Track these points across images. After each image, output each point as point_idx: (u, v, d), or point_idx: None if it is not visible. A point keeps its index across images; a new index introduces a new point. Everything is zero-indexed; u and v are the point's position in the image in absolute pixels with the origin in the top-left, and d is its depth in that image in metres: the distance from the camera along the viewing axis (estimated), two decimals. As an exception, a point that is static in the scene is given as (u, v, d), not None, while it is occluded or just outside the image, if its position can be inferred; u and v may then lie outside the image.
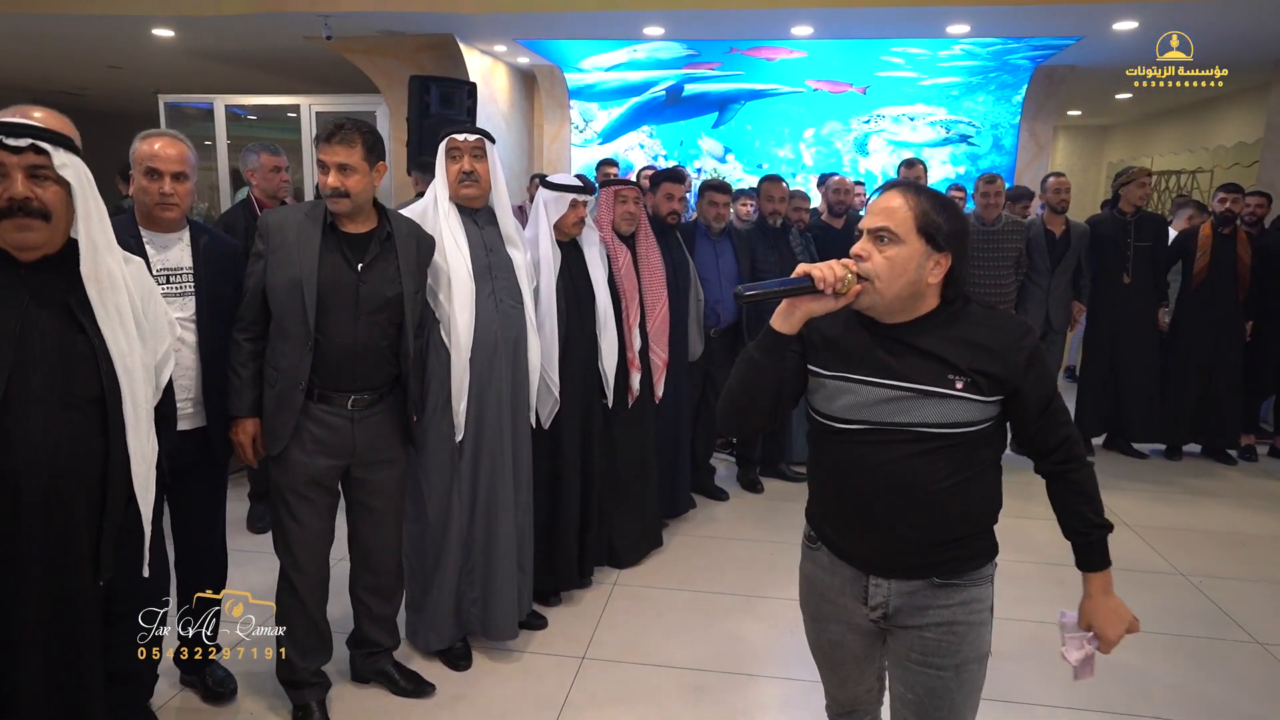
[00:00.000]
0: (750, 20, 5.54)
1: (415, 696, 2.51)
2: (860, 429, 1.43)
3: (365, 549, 2.44)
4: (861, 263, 1.39)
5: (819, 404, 1.48)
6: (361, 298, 2.24)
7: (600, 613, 3.07)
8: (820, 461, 1.53)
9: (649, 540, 3.52)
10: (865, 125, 7.54)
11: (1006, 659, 2.76)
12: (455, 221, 2.52)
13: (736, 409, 1.50)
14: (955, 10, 5.19)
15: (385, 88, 6.57)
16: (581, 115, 7.90)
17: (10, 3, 5.69)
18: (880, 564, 1.48)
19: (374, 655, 2.53)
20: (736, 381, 1.48)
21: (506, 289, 2.59)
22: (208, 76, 7.94)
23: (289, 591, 2.32)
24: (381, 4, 5.39)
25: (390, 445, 2.37)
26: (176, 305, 2.20)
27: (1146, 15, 5.16)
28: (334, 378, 2.23)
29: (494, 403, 2.58)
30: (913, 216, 1.38)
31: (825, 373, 1.47)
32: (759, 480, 4.41)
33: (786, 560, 3.53)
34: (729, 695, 2.58)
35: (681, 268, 3.70)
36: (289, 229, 2.23)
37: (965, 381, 1.39)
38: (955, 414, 1.39)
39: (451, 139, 2.56)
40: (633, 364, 3.20)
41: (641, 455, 3.38)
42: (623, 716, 2.46)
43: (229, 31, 6.13)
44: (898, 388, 1.41)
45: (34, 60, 7.72)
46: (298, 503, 2.27)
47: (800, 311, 1.40)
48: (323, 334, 2.20)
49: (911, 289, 1.39)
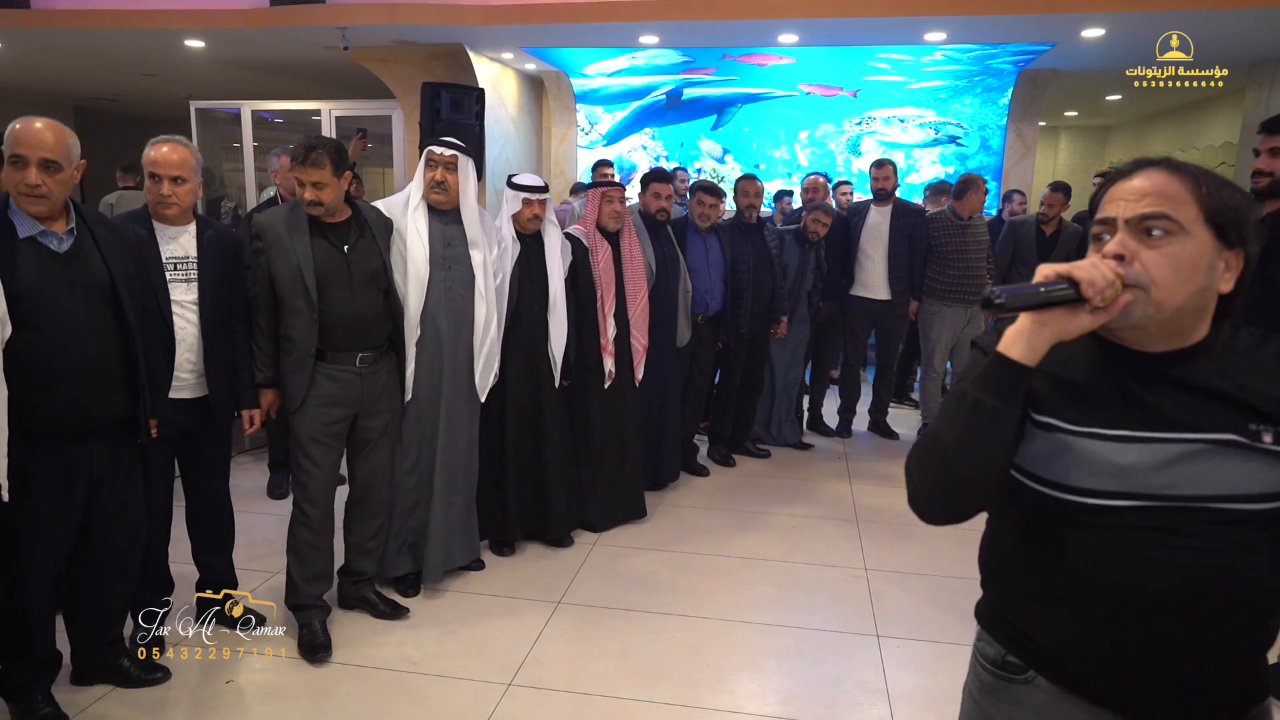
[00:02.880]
0: (739, 29, 5.88)
1: (392, 619, 2.96)
2: (1128, 507, 1.02)
3: (360, 489, 2.89)
4: (1125, 265, 1.01)
5: (1046, 470, 1.07)
6: (354, 274, 2.70)
7: (578, 567, 3.45)
8: (1045, 554, 1.08)
9: (625, 511, 3.86)
10: (857, 127, 7.84)
11: None
12: (422, 218, 2.95)
13: (954, 481, 1.05)
14: (931, 20, 5.50)
15: (400, 94, 6.98)
16: (587, 118, 8.28)
17: (56, 18, 6.17)
18: (1153, 702, 1.06)
19: (359, 583, 2.98)
20: (953, 445, 1.04)
21: (460, 279, 3.02)
22: (235, 83, 8.40)
23: (305, 526, 2.75)
24: (395, 17, 5.79)
25: (389, 395, 2.86)
26: (181, 289, 2.55)
27: (1113, 23, 5.44)
28: (342, 341, 2.69)
29: (433, 371, 3.02)
30: (1195, 199, 1.01)
31: (1066, 426, 1.05)
32: (731, 456, 4.78)
33: (751, 526, 3.91)
34: (683, 633, 2.94)
35: (672, 261, 4.07)
36: (279, 226, 2.66)
37: (1275, 432, 1.00)
38: (1267, 480, 1.00)
39: (430, 151, 2.99)
40: (605, 349, 3.58)
41: (619, 433, 3.74)
42: (588, 647, 2.83)
43: (255, 42, 6.57)
44: (1184, 441, 1.01)
45: (77, 70, 8.24)
46: (314, 449, 2.71)
47: (1050, 330, 1.01)
48: (328, 307, 2.65)
49: (1198, 300, 1.03)
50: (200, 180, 2.62)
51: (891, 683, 2.65)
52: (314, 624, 2.75)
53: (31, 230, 2.10)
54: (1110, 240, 1.04)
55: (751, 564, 3.52)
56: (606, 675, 2.66)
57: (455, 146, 3.01)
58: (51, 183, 2.09)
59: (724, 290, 4.35)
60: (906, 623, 3.03)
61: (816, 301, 4.95)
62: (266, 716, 2.43)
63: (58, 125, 2.15)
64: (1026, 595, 1.13)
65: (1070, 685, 1.10)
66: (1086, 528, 1.04)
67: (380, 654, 2.75)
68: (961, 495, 1.06)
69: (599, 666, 2.71)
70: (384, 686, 2.57)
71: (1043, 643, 1.12)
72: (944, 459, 1.05)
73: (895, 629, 2.99)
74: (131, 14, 6.07)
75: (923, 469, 1.09)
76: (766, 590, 3.28)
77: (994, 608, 1.21)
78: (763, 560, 3.55)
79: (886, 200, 5.00)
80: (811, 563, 3.53)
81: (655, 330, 3.90)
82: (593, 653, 2.80)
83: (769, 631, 2.97)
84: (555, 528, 3.58)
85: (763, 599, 3.20)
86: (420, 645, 2.81)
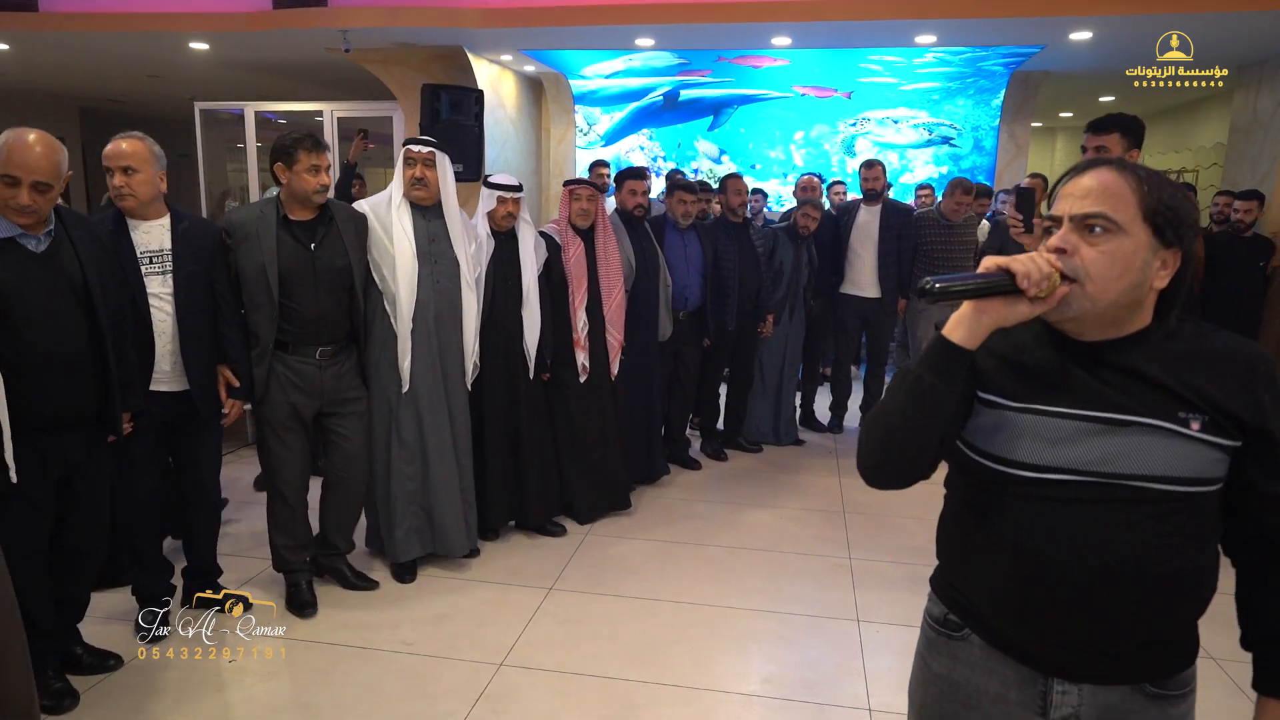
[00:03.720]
0: (732, 32, 5.98)
1: (361, 589, 3.15)
2: (1060, 480, 1.10)
3: (335, 471, 3.04)
4: (1065, 258, 1.08)
5: (988, 444, 1.15)
6: (318, 271, 2.83)
7: (571, 555, 3.55)
8: (983, 522, 1.17)
9: (608, 502, 3.96)
10: (852, 128, 7.95)
11: None
12: (405, 214, 3.08)
13: (894, 451, 1.14)
14: (921, 23, 5.60)
15: (401, 95, 7.08)
16: (586, 119, 8.38)
17: (63, 21, 6.28)
18: (1075, 664, 1.14)
19: (332, 555, 3.16)
20: (896, 416, 1.12)
21: (446, 272, 3.15)
22: (239, 85, 8.51)
23: (280, 502, 2.95)
24: (395, 20, 5.89)
25: (353, 387, 3.00)
26: (157, 282, 2.62)
27: (1100, 26, 5.53)
28: (303, 334, 2.85)
29: (428, 362, 3.15)
30: (1136, 199, 1.07)
31: (1008, 403, 1.13)
32: (723, 450, 4.88)
33: (740, 518, 4.01)
34: (669, 617, 3.05)
35: (650, 257, 4.17)
36: (249, 224, 2.79)
37: (1203, 421, 1.07)
38: (1190, 465, 1.07)
39: (408, 149, 3.11)
40: (578, 344, 3.71)
41: (598, 426, 3.85)
42: (577, 630, 2.94)
43: (257, 44, 6.68)
44: (1114, 422, 1.08)
45: (83, 71, 8.35)
46: (282, 432, 2.90)
47: (989, 318, 1.08)
48: (292, 302, 2.80)
49: (1132, 294, 1.09)
50: (160, 172, 2.65)
51: (869, 664, 2.75)
52: (300, 584, 2.99)
53: (10, 232, 2.18)
54: (1055, 235, 1.11)
55: (738, 553, 3.62)
56: (594, 656, 2.76)
57: (430, 143, 3.15)
58: (42, 201, 2.17)
59: (702, 285, 4.44)
60: (886, 608, 3.14)
61: (808, 299, 5.05)
62: (268, 693, 2.54)
63: (49, 143, 2.19)
64: (966, 559, 1.23)
65: (1001, 644, 1.19)
66: (1022, 498, 1.12)
67: (378, 636, 2.86)
68: (902, 463, 1.15)
69: (587, 648, 2.82)
70: (381, 666, 2.68)
71: (978, 604, 1.21)
72: (888, 430, 1.14)
73: (875, 614, 3.09)
74: (136, 16, 6.18)
75: (869, 437, 1.18)
76: (752, 578, 3.38)
77: (942, 572, 1.31)
78: (749, 549, 3.65)
79: (876, 200, 5.10)
80: (797, 552, 3.64)
81: (636, 326, 4.03)
82: (582, 635, 2.90)
83: (752, 616, 3.07)
84: (535, 515, 3.71)
85: (747, 586, 3.31)
86: (416, 628, 2.92)
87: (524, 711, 2.47)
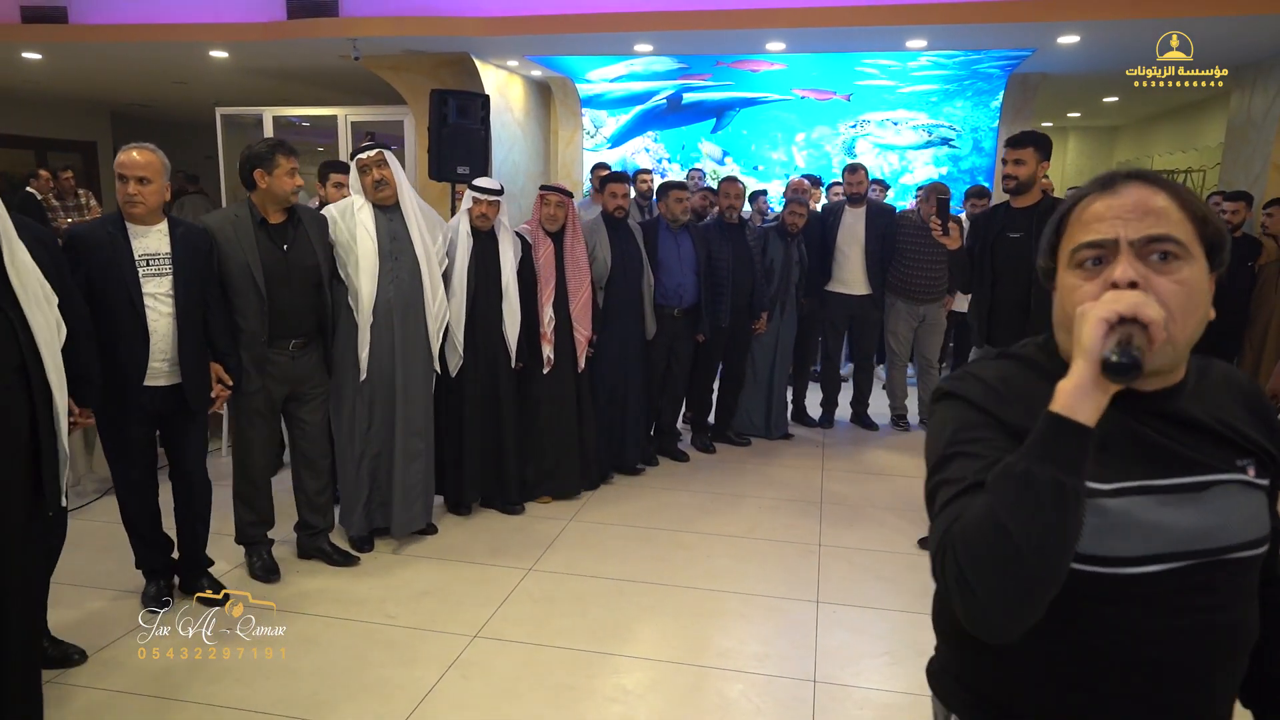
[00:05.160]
0: (727, 37, 6.15)
1: (344, 566, 3.39)
2: (1158, 572, 0.90)
3: (303, 454, 3.31)
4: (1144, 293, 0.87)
5: None
6: (291, 269, 3.07)
7: (553, 539, 3.75)
8: (1044, 628, 0.85)
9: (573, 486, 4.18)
10: (852, 130, 8.07)
11: None
12: (368, 216, 3.33)
13: (1037, 580, 0.81)
14: (911, 28, 5.72)
15: (411, 99, 7.33)
16: (592, 122, 8.59)
17: (92, 32, 6.61)
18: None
19: (313, 535, 3.40)
20: (1036, 536, 0.80)
21: (406, 268, 3.40)
22: (258, 90, 8.83)
23: (247, 481, 3.22)
24: (401, 30, 6.14)
25: (318, 376, 3.27)
26: (154, 283, 2.77)
27: (1088, 31, 5.63)
28: (279, 328, 3.10)
29: (387, 352, 3.40)
30: (1188, 216, 0.92)
31: (1098, 486, 0.89)
32: (712, 444, 5.06)
33: (719, 507, 4.19)
34: (638, 597, 3.24)
35: (633, 257, 4.35)
36: (226, 228, 3.03)
37: (1254, 464, 0.94)
38: (1262, 518, 0.93)
39: (359, 159, 3.37)
40: (544, 337, 3.94)
41: (564, 415, 4.08)
42: (551, 608, 3.14)
43: (274, 52, 6.96)
44: (1197, 486, 0.92)
45: (112, 78, 8.71)
46: (255, 417, 3.16)
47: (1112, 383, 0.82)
48: (269, 299, 3.04)
49: (1200, 330, 0.92)
50: (167, 183, 2.83)
51: (821, 640, 2.93)
52: (262, 553, 3.29)
53: None
54: (1111, 266, 0.90)
55: (712, 539, 3.80)
56: (563, 630, 2.96)
57: (376, 146, 3.40)
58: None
59: (696, 283, 4.61)
60: (846, 591, 3.30)
61: (799, 297, 5.22)
62: (257, 659, 2.75)
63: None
64: (1000, 661, 0.96)
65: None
66: (1105, 600, 0.90)
67: (364, 610, 3.08)
68: (1041, 597, 0.82)
69: (558, 623, 3.01)
70: (364, 636, 2.90)
71: (1017, 711, 0.98)
72: (1018, 557, 0.80)
73: (834, 596, 3.26)
74: (160, 27, 6.50)
75: (986, 574, 0.82)
76: (722, 561, 3.56)
77: (949, 667, 1.06)
78: (723, 536, 3.83)
79: (860, 203, 5.28)
80: (769, 539, 3.81)
81: (613, 323, 4.24)
82: (554, 612, 3.10)
83: (716, 596, 3.25)
84: (509, 494, 3.99)
85: (717, 569, 3.49)
86: (400, 603, 3.13)
87: (492, 678, 2.67)
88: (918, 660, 2.82)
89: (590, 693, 2.60)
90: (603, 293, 4.24)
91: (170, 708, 2.47)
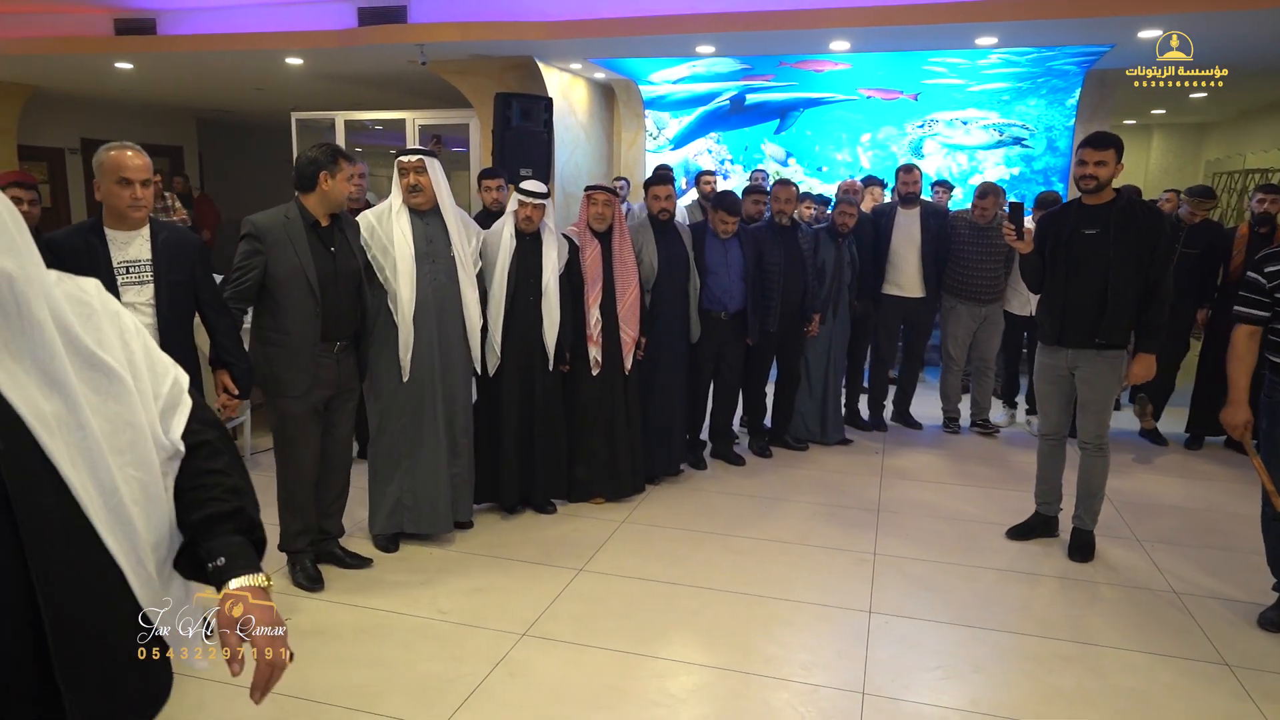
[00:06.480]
0: (791, 38, 6.08)
1: (357, 569, 3.40)
2: None
3: (330, 457, 3.31)
4: None
5: None
6: (338, 272, 3.11)
7: (604, 540, 3.77)
8: None
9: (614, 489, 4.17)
10: (919, 130, 7.89)
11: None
12: (404, 219, 3.38)
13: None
14: (981, 26, 5.57)
15: (476, 103, 7.47)
16: (655, 123, 8.60)
17: (178, 43, 6.94)
18: None
19: (324, 540, 3.41)
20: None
21: (444, 269, 3.44)
22: (331, 95, 9.12)
23: (302, 488, 3.20)
24: (467, 35, 6.25)
25: (353, 381, 3.29)
26: (134, 291, 2.63)
27: (1170, 24, 5.39)
28: (328, 331, 3.12)
29: (428, 353, 3.44)
30: None
31: None
32: (768, 447, 5.01)
33: (774, 512, 4.14)
34: (686, 601, 3.23)
35: (679, 260, 4.33)
36: (277, 229, 3.03)
37: None
38: None
39: (400, 162, 3.40)
40: (590, 339, 3.95)
41: (609, 418, 4.09)
42: (599, 608, 3.16)
43: (346, 58, 7.18)
44: None
45: (196, 85, 9.12)
46: (306, 425, 3.15)
47: None
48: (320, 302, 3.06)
49: None
50: None
51: (872, 652, 2.87)
52: (305, 563, 3.26)
53: None
54: None
55: (765, 545, 3.76)
56: (609, 631, 2.97)
57: (419, 151, 3.44)
58: None
59: (744, 288, 4.57)
60: (899, 602, 3.23)
61: (852, 299, 5.14)
62: (313, 648, 2.85)
63: None
64: None
65: None
66: None
67: (417, 605, 3.15)
68: None
69: (604, 624, 3.03)
70: (415, 630, 2.96)
71: None
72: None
73: (886, 606, 3.19)
74: (240, 37, 6.78)
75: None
76: (774, 568, 3.53)
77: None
78: (776, 542, 3.79)
79: (913, 203, 5.20)
80: (823, 546, 3.75)
81: (657, 325, 4.23)
82: (602, 613, 3.12)
83: (765, 603, 3.22)
84: (547, 495, 4.03)
85: (768, 575, 3.45)
86: (452, 598, 3.19)
87: (538, 677, 2.70)
88: (972, 676, 2.77)
89: (634, 695, 2.61)
90: (648, 295, 4.24)
91: (225, 691, 2.57)
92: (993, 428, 5.48)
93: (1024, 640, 2.98)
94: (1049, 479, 3.80)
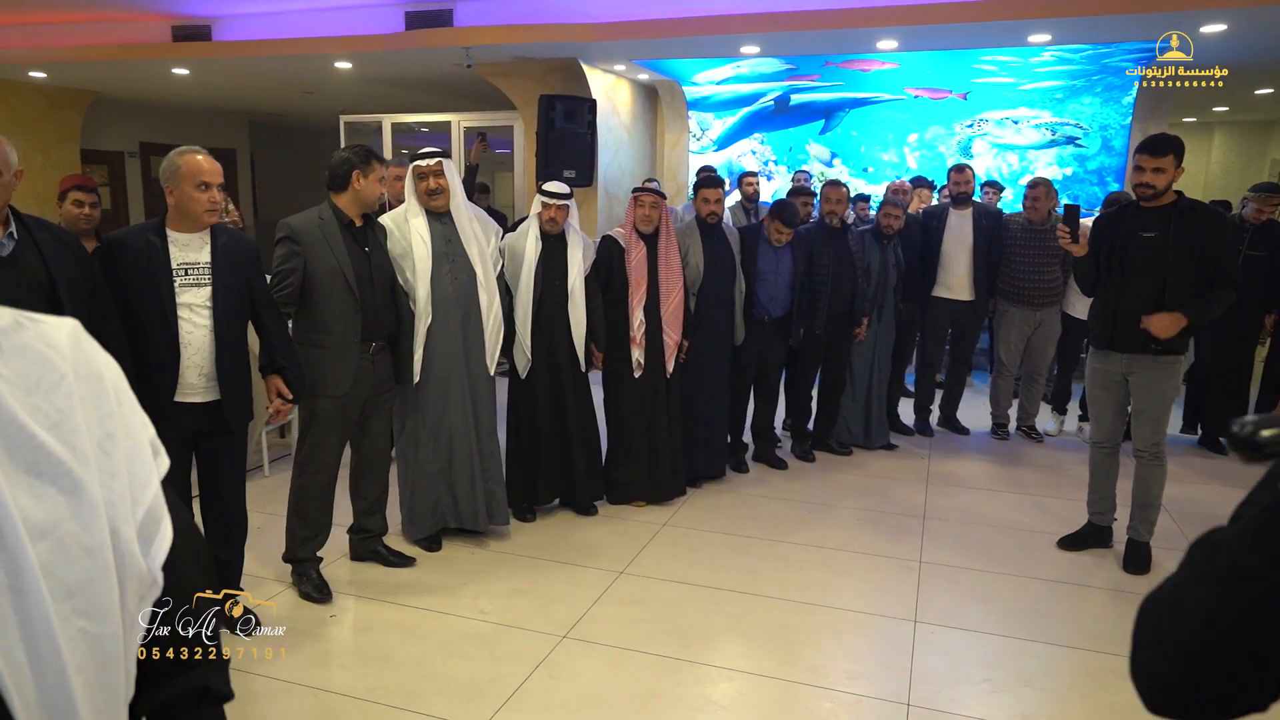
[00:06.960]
0: (836, 37, 6.01)
1: (400, 567, 3.42)
2: None
3: (367, 460, 3.32)
4: None
5: None
6: (374, 271, 3.13)
7: (646, 542, 3.76)
8: None
9: (653, 491, 4.14)
10: (969, 129, 7.74)
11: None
12: (422, 221, 3.39)
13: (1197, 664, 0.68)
14: (1033, 22, 5.44)
15: (521, 105, 7.52)
16: (699, 124, 8.57)
17: (232, 49, 7.11)
18: None
19: (368, 539, 3.44)
20: (1203, 618, 0.68)
21: (463, 269, 3.44)
22: (378, 99, 9.26)
23: (316, 489, 3.15)
24: (512, 37, 6.30)
25: (389, 383, 3.29)
26: (191, 294, 2.62)
27: (1234, 18, 5.20)
28: (364, 332, 3.12)
29: (454, 353, 3.44)
30: None
31: None
32: (811, 451, 4.95)
33: (818, 517, 4.09)
34: (728, 606, 3.20)
35: (726, 263, 4.29)
36: (313, 230, 3.03)
37: None
38: None
39: (416, 165, 3.40)
40: (633, 340, 3.93)
41: (649, 419, 4.07)
42: (640, 611, 3.14)
43: (393, 62, 7.29)
44: None
45: (249, 90, 9.35)
46: (336, 426, 3.15)
47: None
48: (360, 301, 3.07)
49: None
50: None
51: (917, 662, 2.81)
52: (311, 573, 3.19)
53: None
54: None
55: (809, 550, 3.72)
56: (650, 635, 2.96)
57: (434, 154, 3.43)
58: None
59: (790, 297, 4.51)
60: (946, 611, 3.16)
61: (897, 302, 5.05)
62: (361, 644, 2.89)
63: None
64: None
65: None
66: None
67: (459, 604, 3.17)
68: (1208, 684, 0.69)
69: (645, 628, 3.01)
70: (458, 630, 2.98)
71: None
72: (1186, 637, 0.69)
73: (933, 615, 3.12)
74: (291, 42, 6.92)
75: (1148, 640, 0.74)
76: (817, 574, 3.48)
77: None
78: (820, 548, 3.74)
79: (966, 204, 5.08)
80: (867, 552, 3.69)
81: (702, 327, 4.20)
82: (642, 616, 3.10)
83: (808, 610, 3.18)
84: (580, 497, 4.01)
85: (811, 581, 3.41)
86: (494, 599, 3.21)
87: (578, 679, 2.69)
88: (1020, 689, 2.70)
89: (675, 700, 2.59)
90: (694, 298, 4.21)
91: (273, 687, 2.61)
92: (1038, 435, 5.35)
93: (1076, 654, 2.89)
94: (1102, 488, 3.69)
